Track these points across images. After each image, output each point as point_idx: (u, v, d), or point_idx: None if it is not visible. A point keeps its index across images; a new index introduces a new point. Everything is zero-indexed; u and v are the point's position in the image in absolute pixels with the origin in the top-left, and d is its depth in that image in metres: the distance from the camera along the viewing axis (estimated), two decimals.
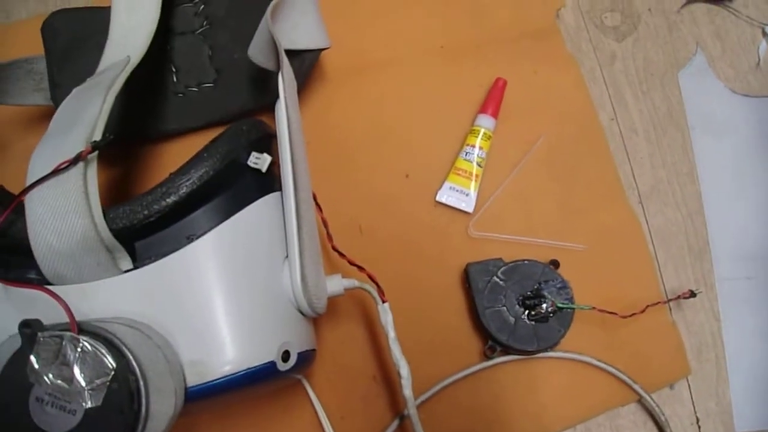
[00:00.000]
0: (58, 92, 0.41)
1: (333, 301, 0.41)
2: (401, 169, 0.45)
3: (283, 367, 0.31)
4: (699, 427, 0.44)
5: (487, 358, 0.42)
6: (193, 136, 0.45)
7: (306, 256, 0.32)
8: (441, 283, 0.44)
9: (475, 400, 0.42)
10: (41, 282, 0.29)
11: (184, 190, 0.30)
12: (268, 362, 0.30)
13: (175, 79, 0.44)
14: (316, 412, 0.41)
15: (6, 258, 0.30)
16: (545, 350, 0.42)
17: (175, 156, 0.44)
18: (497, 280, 0.42)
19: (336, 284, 0.36)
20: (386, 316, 0.38)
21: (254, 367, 0.29)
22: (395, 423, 0.41)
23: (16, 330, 0.24)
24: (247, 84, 0.44)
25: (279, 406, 0.42)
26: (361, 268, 0.40)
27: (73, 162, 0.28)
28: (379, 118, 0.47)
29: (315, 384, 0.42)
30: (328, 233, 0.41)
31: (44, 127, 0.32)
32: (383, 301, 0.37)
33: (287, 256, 0.33)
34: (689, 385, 0.45)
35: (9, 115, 0.46)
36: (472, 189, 0.44)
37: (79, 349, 0.24)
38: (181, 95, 0.44)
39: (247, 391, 0.32)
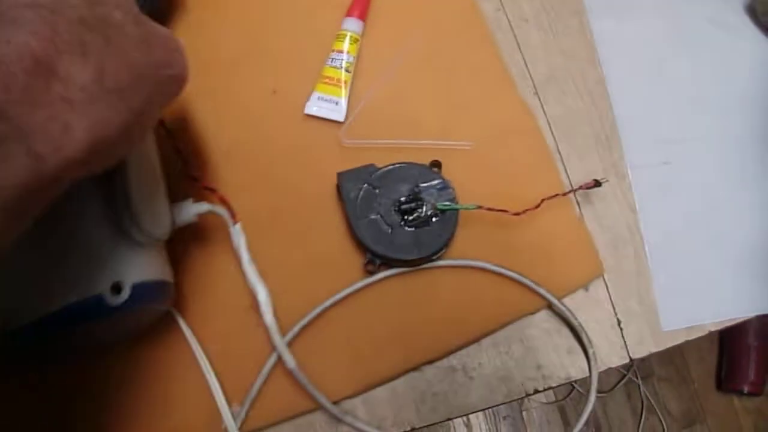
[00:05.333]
0: None
1: (203, 231, 0.38)
2: (268, 85, 0.42)
3: (114, 300, 0.28)
4: (621, 330, 0.40)
5: (369, 273, 0.38)
6: None
7: (133, 184, 0.29)
8: (316, 199, 0.40)
9: (359, 321, 0.38)
10: None
11: None
12: (93, 296, 0.27)
13: None
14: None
15: None
16: (430, 259, 0.38)
17: None
18: (370, 187, 0.38)
19: (186, 210, 0.34)
20: (239, 238, 0.36)
21: (76, 302, 0.27)
22: (275, 355, 0.38)
23: None
24: None
25: (159, 344, 0.38)
26: (212, 190, 0.37)
27: None
28: (243, 36, 0.43)
29: (192, 319, 0.38)
30: (184, 160, 0.38)
31: None
32: (234, 223, 0.35)
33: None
34: (606, 285, 0.40)
35: None
36: (342, 96, 0.41)
37: None
38: None
39: (108, 328, 0.31)
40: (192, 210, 0.34)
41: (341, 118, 0.41)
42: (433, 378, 0.39)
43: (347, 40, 0.41)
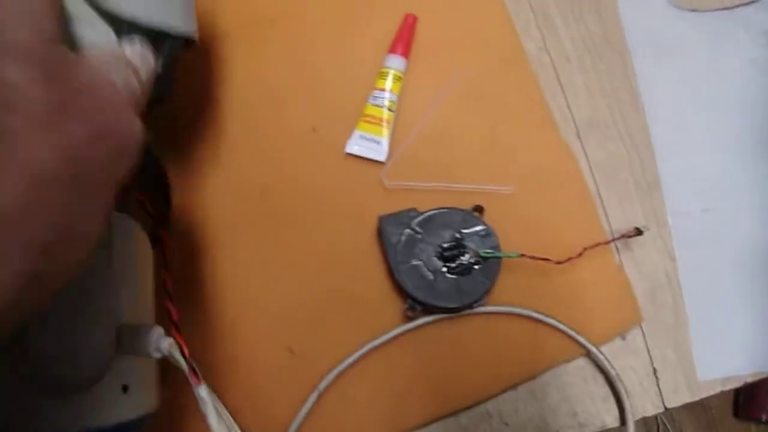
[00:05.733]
0: None
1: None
2: (307, 123, 0.41)
3: None
4: (657, 378, 0.40)
5: (409, 319, 0.38)
6: None
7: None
8: (356, 241, 0.40)
9: (396, 366, 0.38)
10: None
11: None
12: None
13: None
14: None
15: None
16: (471, 306, 0.38)
17: None
18: (412, 232, 0.38)
19: (144, 341, 0.25)
20: (204, 404, 0.27)
21: None
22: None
23: None
24: None
25: None
26: (176, 329, 0.29)
27: None
28: (281, 71, 0.42)
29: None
30: (165, 279, 0.30)
31: None
32: (197, 384, 0.27)
33: None
34: (644, 333, 0.40)
35: None
36: (384, 136, 0.40)
37: None
38: None
39: None
40: (150, 345, 0.26)
41: (383, 158, 0.40)
42: (468, 423, 0.39)
43: (390, 78, 0.41)
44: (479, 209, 0.39)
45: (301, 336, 0.39)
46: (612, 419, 0.39)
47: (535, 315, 0.38)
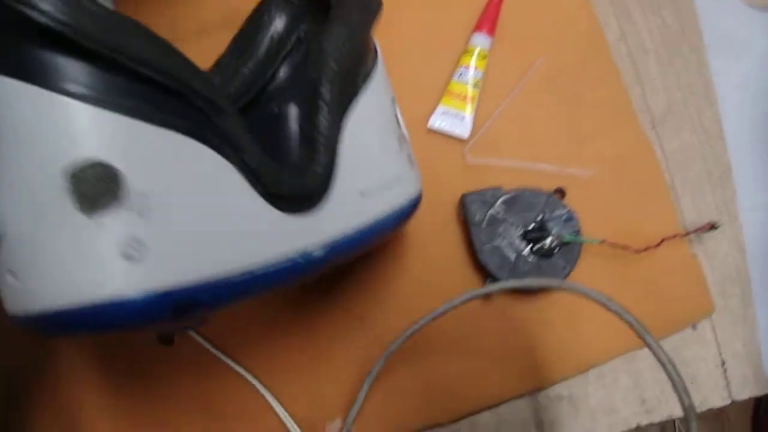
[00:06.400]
0: None
1: None
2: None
3: None
4: (725, 371, 0.40)
5: (485, 298, 0.38)
6: None
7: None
8: (436, 215, 0.39)
9: (470, 341, 0.38)
10: None
11: None
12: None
13: None
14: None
15: None
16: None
17: None
18: (496, 211, 0.38)
19: None
20: None
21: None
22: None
23: None
24: None
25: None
26: None
27: None
28: None
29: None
30: None
31: None
32: None
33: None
34: (713, 325, 0.41)
35: None
36: (468, 112, 0.40)
37: None
38: None
39: None
40: None
41: (465, 135, 0.40)
42: (538, 406, 0.39)
43: (475, 55, 0.40)
44: (561, 192, 0.39)
45: (371, 307, 0.38)
46: (679, 410, 0.39)
47: (603, 301, 0.38)
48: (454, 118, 0.40)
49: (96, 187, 0.17)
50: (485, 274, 0.38)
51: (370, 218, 0.26)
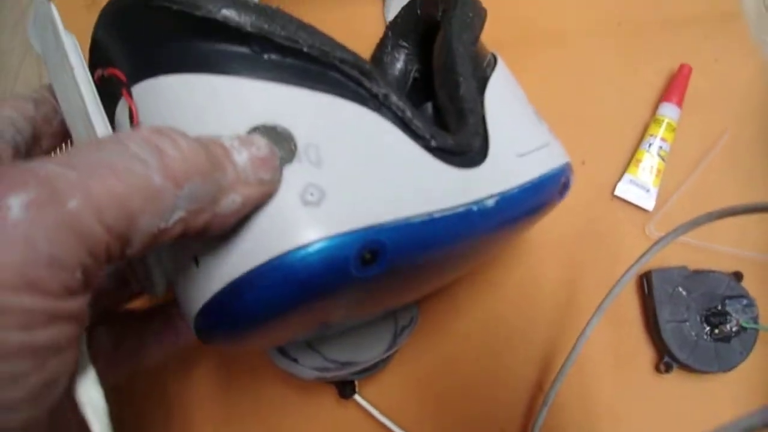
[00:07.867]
0: None
1: None
2: (577, 154, 0.40)
3: None
4: None
5: (659, 373, 0.38)
6: None
7: None
8: (608, 285, 0.39)
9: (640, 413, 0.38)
10: None
11: None
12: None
13: None
14: None
15: None
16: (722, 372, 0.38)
17: None
18: (680, 290, 0.37)
19: None
20: None
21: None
22: None
23: None
24: None
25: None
26: None
27: None
28: (548, 95, 0.41)
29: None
30: None
31: None
32: None
33: None
34: None
35: None
36: (653, 185, 0.40)
37: None
38: None
39: None
40: None
41: (650, 207, 0.39)
42: None
43: (664, 126, 0.40)
44: (738, 276, 0.39)
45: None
46: None
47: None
48: (639, 189, 0.39)
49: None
50: (663, 350, 0.37)
51: (531, 176, 0.27)
